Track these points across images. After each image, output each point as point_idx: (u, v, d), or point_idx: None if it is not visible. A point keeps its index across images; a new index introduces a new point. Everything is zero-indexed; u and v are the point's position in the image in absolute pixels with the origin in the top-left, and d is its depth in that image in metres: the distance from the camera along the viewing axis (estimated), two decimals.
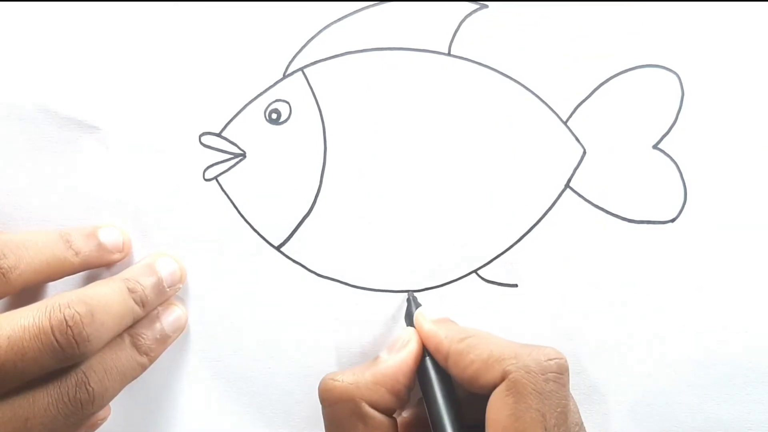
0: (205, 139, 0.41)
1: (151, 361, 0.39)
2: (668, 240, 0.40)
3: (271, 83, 0.41)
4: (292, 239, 0.41)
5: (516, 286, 0.41)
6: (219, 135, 0.41)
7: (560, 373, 0.33)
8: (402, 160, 0.41)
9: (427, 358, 0.37)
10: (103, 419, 0.39)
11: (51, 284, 0.40)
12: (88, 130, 0.41)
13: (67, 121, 0.41)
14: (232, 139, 0.41)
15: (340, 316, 0.41)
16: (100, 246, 0.40)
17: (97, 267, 0.40)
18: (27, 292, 0.38)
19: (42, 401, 0.34)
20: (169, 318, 0.40)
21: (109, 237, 0.40)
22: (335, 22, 0.40)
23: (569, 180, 0.41)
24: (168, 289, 0.40)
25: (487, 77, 0.40)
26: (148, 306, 0.39)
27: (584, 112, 0.40)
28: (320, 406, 0.37)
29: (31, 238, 0.38)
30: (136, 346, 0.38)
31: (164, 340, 0.40)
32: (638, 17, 0.40)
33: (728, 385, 0.40)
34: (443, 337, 0.36)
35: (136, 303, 0.38)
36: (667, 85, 0.40)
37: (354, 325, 0.41)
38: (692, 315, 0.40)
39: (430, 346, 0.37)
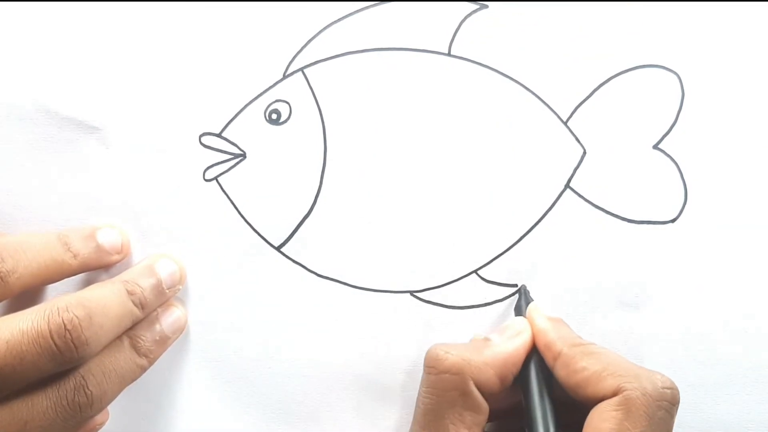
0: (205, 140, 0.41)
1: (151, 362, 0.39)
2: (668, 240, 0.40)
3: (271, 83, 0.41)
4: (292, 239, 0.41)
5: (516, 286, 0.41)
6: (219, 135, 0.41)
7: (673, 404, 0.34)
8: (402, 160, 0.41)
9: (534, 354, 0.37)
10: (101, 424, 0.39)
11: (50, 286, 0.40)
12: (88, 130, 0.41)
13: (67, 121, 0.41)
14: (232, 140, 0.41)
15: (340, 316, 0.41)
16: (99, 248, 0.39)
17: (96, 269, 0.40)
18: (25, 295, 0.38)
19: (41, 405, 0.34)
20: (168, 319, 0.40)
21: (108, 238, 0.40)
22: (335, 22, 0.40)
23: (569, 180, 0.41)
24: (167, 291, 0.40)
25: (487, 77, 0.40)
26: (148, 308, 0.38)
27: (584, 112, 0.40)
28: (422, 372, 0.36)
29: (29, 240, 0.37)
30: (135, 348, 0.38)
31: (164, 342, 0.40)
32: (638, 17, 0.40)
33: (728, 385, 0.40)
34: (556, 338, 0.36)
35: (135, 305, 0.37)
36: (667, 85, 0.40)
37: (354, 325, 0.41)
38: (692, 315, 0.40)
39: (540, 343, 0.37)
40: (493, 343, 0.37)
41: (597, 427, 0.33)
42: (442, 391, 0.35)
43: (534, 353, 0.37)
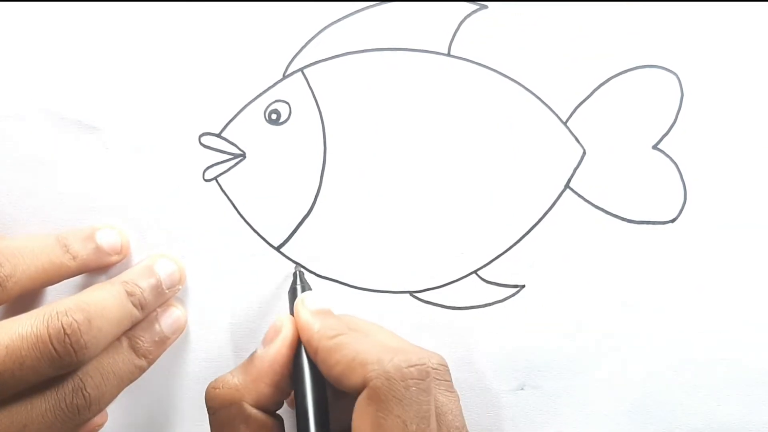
0: (205, 140, 0.41)
1: (150, 363, 0.39)
2: (668, 240, 0.40)
3: (271, 83, 0.41)
4: (292, 239, 0.41)
5: (516, 286, 0.41)
6: (219, 135, 0.41)
7: (421, 379, 0.33)
8: (402, 160, 0.41)
9: (303, 350, 0.36)
10: (100, 425, 0.39)
11: (49, 287, 0.40)
12: (88, 130, 0.41)
13: (67, 121, 0.41)
14: (231, 140, 0.41)
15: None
16: (98, 249, 0.39)
17: (95, 270, 0.40)
18: (24, 297, 0.38)
19: (39, 408, 0.34)
20: (168, 320, 0.40)
21: (107, 239, 0.40)
22: (335, 22, 0.40)
23: (569, 180, 0.41)
24: (167, 291, 0.39)
25: (487, 77, 0.40)
26: (147, 309, 0.38)
27: (584, 112, 0.40)
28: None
29: (27, 244, 0.37)
30: (134, 349, 0.38)
31: (163, 342, 0.39)
32: (638, 17, 0.40)
33: (728, 386, 0.40)
34: (315, 331, 0.35)
35: (135, 306, 0.37)
36: (666, 86, 0.40)
37: None
38: (692, 315, 0.40)
39: (303, 339, 0.36)
40: (257, 354, 0.36)
41: (358, 428, 0.32)
42: (226, 425, 0.35)
43: (301, 348, 0.36)
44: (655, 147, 0.40)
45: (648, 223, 0.41)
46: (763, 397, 0.40)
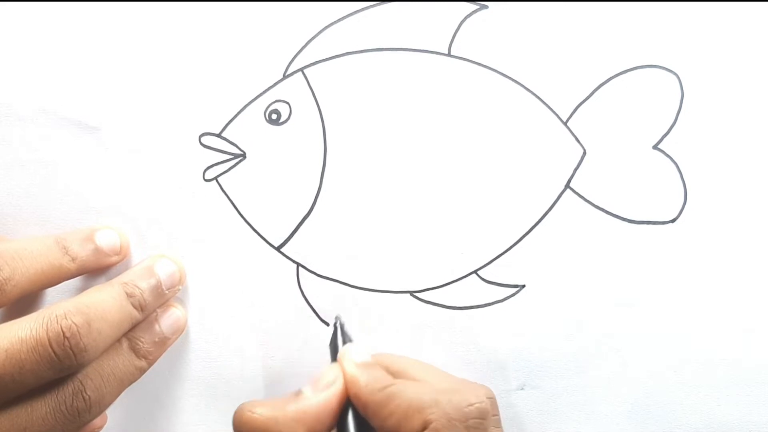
0: (205, 140, 0.41)
1: (150, 364, 0.39)
2: (668, 240, 0.40)
3: (271, 83, 0.41)
4: (292, 239, 0.41)
5: (516, 286, 0.41)
6: (219, 135, 0.41)
7: (482, 419, 0.33)
8: (402, 160, 0.41)
9: (350, 404, 0.35)
10: (100, 427, 0.39)
11: (49, 289, 0.40)
12: (87, 130, 0.41)
13: (66, 121, 0.41)
14: (232, 140, 0.41)
15: (340, 316, 0.41)
16: (97, 250, 0.39)
17: (94, 271, 0.40)
18: (24, 300, 0.38)
19: (39, 411, 0.34)
20: (168, 320, 0.40)
21: (106, 240, 0.40)
22: (335, 22, 0.40)
23: (569, 180, 0.41)
24: (167, 292, 0.39)
25: (487, 77, 0.40)
26: (147, 309, 0.38)
27: (584, 112, 0.40)
28: None
29: (26, 246, 0.37)
30: (134, 350, 0.38)
31: (163, 343, 0.39)
32: (638, 17, 0.40)
33: (729, 386, 0.40)
34: (363, 386, 0.34)
35: (135, 307, 0.37)
36: (666, 86, 0.40)
37: (354, 326, 0.41)
38: (692, 315, 0.40)
39: (351, 394, 0.34)
40: (304, 396, 0.35)
41: None
42: None
43: (347, 404, 0.35)
44: (655, 147, 0.40)
45: (648, 223, 0.41)
46: (763, 397, 0.40)
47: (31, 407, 0.34)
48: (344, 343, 0.37)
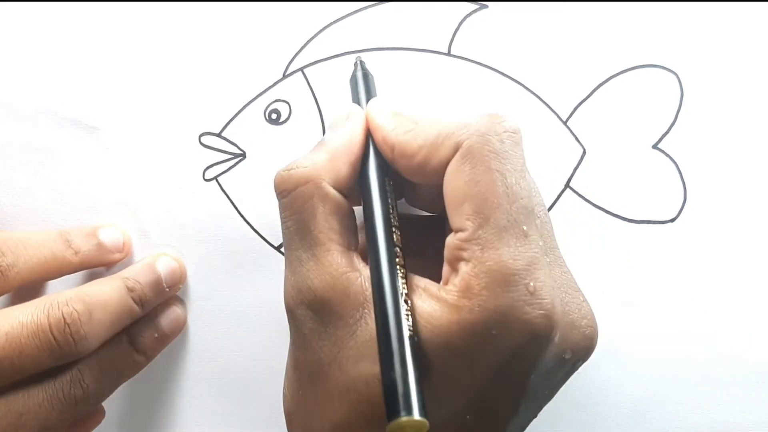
0: (205, 139, 0.41)
1: (149, 360, 0.39)
2: (668, 240, 0.40)
3: (271, 83, 0.41)
4: None
5: None
6: (219, 135, 0.41)
7: (514, 132, 0.31)
8: None
9: (371, 154, 0.34)
10: (97, 422, 0.39)
11: (50, 283, 0.40)
12: (87, 130, 0.41)
13: (66, 121, 0.41)
14: (231, 140, 0.41)
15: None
16: (100, 245, 0.39)
17: (96, 266, 0.40)
18: (25, 290, 0.38)
19: (37, 397, 0.34)
20: (167, 318, 0.40)
21: (110, 236, 0.40)
22: (335, 22, 0.40)
23: (569, 180, 0.41)
24: (167, 289, 0.39)
25: (487, 77, 0.40)
26: (147, 305, 0.38)
27: (584, 112, 0.40)
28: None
29: (30, 236, 0.38)
30: (133, 345, 0.38)
31: (162, 340, 0.40)
32: (638, 17, 0.40)
33: (729, 386, 0.40)
34: (390, 129, 0.33)
35: (135, 302, 0.38)
36: (666, 85, 0.40)
37: None
38: (692, 315, 0.40)
39: (378, 138, 0.34)
40: (328, 138, 0.34)
41: (453, 191, 0.31)
42: (301, 205, 0.32)
43: (371, 150, 0.34)
44: (655, 146, 0.41)
45: (648, 222, 0.41)
46: (763, 396, 0.40)
47: (28, 393, 0.34)
48: (365, 86, 0.37)
